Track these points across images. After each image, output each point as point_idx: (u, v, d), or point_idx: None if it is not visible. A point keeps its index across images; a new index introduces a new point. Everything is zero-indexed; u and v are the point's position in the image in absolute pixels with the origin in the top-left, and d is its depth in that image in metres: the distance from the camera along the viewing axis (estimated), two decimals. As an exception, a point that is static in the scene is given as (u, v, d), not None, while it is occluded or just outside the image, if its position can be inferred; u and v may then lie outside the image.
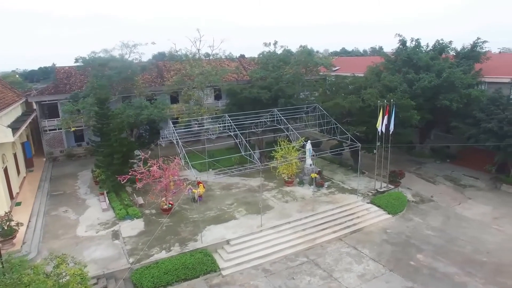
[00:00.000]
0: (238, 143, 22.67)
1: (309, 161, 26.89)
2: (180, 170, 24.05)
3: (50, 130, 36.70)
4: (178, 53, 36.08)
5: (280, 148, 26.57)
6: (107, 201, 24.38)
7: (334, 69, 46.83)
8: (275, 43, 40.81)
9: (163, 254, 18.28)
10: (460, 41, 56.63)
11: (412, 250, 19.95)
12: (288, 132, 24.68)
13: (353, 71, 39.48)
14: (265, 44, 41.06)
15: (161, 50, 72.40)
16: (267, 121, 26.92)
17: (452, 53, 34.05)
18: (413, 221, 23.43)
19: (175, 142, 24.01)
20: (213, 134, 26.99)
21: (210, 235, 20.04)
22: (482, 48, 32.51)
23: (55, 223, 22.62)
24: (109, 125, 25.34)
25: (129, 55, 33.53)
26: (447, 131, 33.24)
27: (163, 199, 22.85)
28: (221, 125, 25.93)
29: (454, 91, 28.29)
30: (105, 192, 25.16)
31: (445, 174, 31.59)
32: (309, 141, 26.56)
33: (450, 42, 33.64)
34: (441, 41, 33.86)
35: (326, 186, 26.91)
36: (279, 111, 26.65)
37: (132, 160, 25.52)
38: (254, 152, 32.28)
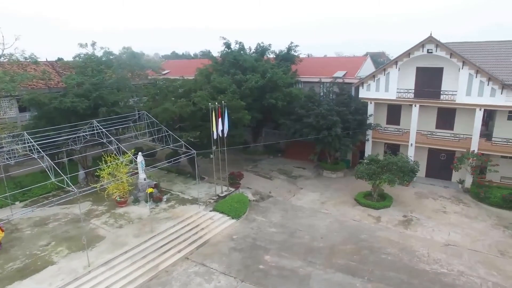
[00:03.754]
0: (46, 167, 17.88)
1: (142, 175, 23.94)
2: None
3: None
4: None
5: (107, 165, 22.72)
6: None
7: (163, 72, 44.67)
8: (93, 44, 35.81)
9: None
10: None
11: (260, 253, 19.67)
12: (113, 145, 21.12)
13: (183, 74, 38.17)
14: (81, 45, 35.56)
15: None
16: (87, 135, 22.57)
17: (272, 55, 36.49)
18: (256, 221, 23.48)
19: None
20: (10, 158, 20.84)
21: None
22: (295, 51, 35.96)
23: None
24: None
25: None
26: (276, 127, 35.42)
27: None
28: (22, 145, 20.20)
29: (278, 90, 30.06)
30: None
31: (278, 168, 33.57)
32: (140, 153, 23.59)
33: (270, 45, 36.04)
34: (262, 44, 35.87)
35: (165, 200, 24.51)
36: (100, 122, 22.72)
37: None
38: (78, 173, 27.44)
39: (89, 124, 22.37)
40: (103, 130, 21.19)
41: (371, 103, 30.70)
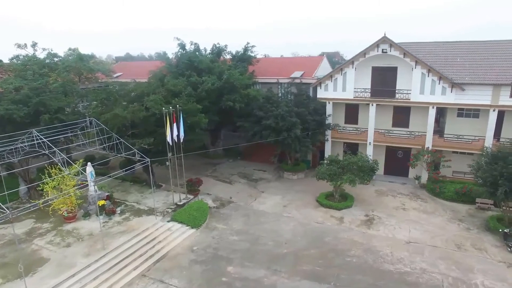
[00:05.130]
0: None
1: (92, 187, 22.10)
2: None
3: None
4: None
5: (51, 179, 20.67)
6: None
7: (115, 75, 42.27)
8: (34, 44, 32.91)
9: None
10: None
11: (222, 264, 18.70)
12: (57, 156, 19.17)
13: (137, 77, 36.32)
14: (19, 46, 32.60)
15: None
16: (26, 146, 20.37)
17: (228, 56, 35.55)
18: (217, 229, 22.47)
19: None
20: None
21: None
22: (252, 52, 35.26)
23: None
24: None
25: None
26: (235, 129, 34.56)
27: None
28: None
29: (235, 91, 29.22)
30: None
31: (239, 172, 32.75)
32: (88, 163, 21.74)
33: (226, 46, 35.08)
34: (218, 45, 34.82)
35: (119, 212, 22.83)
36: (42, 131, 20.63)
37: None
38: (19, 189, 24.86)
39: (27, 134, 20.22)
40: (45, 140, 19.18)
41: (329, 103, 30.74)
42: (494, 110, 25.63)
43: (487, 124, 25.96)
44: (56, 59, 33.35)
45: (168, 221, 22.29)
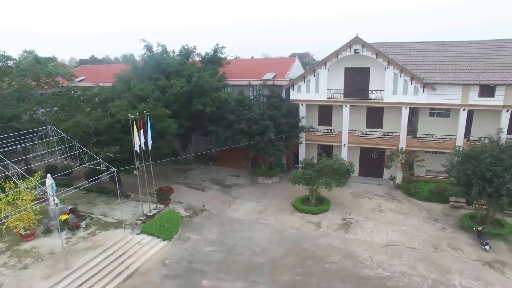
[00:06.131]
0: None
1: (53, 200, 20.37)
2: None
3: None
4: None
5: (4, 194, 18.80)
6: None
7: (77, 79, 40.09)
8: (-17, 47, 30.54)
9: None
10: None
11: (196, 277, 17.62)
12: (10, 170, 17.43)
13: (102, 81, 34.40)
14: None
15: None
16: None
17: (198, 58, 34.39)
18: (190, 240, 21.33)
19: None
20: None
21: None
22: (222, 53, 34.25)
23: None
24: None
25: None
26: (206, 134, 33.42)
27: None
28: None
29: (205, 95, 28.16)
30: None
31: (211, 178, 31.65)
32: (48, 175, 19.98)
33: (195, 47, 33.87)
34: (186, 46, 33.56)
35: (83, 226, 21.16)
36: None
37: None
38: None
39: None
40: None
41: (302, 104, 30.26)
42: (464, 110, 25.99)
43: (458, 123, 26.31)
44: (10, 62, 31.08)
45: (138, 234, 20.92)
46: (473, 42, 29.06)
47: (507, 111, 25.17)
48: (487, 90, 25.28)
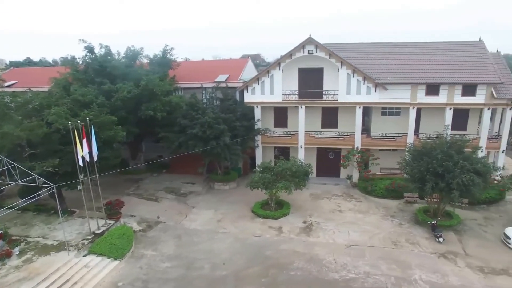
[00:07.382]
0: None
1: (-21, 225, 17.73)
2: None
3: None
4: None
5: None
6: None
7: (6, 84, 36.30)
8: None
9: None
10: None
11: (153, 299, 16.14)
12: None
13: (36, 85, 31.27)
14: None
15: None
16: None
17: (146, 60, 32.47)
18: (145, 257, 19.64)
19: None
20: None
21: None
22: (171, 55, 32.62)
23: None
24: None
25: None
26: (157, 140, 31.57)
27: None
28: None
29: (155, 99, 26.52)
30: None
31: (165, 187, 29.92)
32: (-28, 196, 17.35)
33: (142, 48, 31.93)
34: (132, 48, 31.51)
35: (17, 253, 18.57)
36: None
37: None
38: None
39: None
40: None
41: (257, 107, 29.60)
42: (413, 108, 26.85)
43: (408, 121, 27.11)
44: None
45: (85, 256, 18.81)
46: (422, 43, 30.17)
47: (450, 108, 26.37)
48: (432, 89, 26.38)
